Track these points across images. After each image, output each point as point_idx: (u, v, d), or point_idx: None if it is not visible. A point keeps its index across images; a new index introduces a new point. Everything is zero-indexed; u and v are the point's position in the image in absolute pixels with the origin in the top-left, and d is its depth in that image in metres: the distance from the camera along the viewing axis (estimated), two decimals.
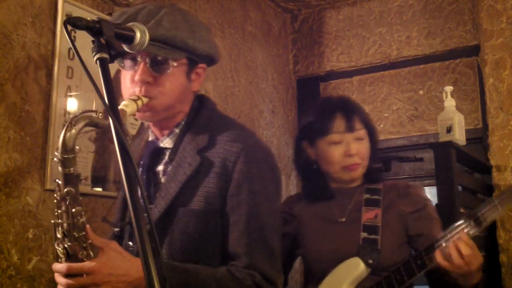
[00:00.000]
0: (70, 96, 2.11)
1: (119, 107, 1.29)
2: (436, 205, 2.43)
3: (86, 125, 1.20)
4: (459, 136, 2.64)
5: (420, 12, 3.41)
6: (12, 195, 1.90)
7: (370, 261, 1.71)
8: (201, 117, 1.48)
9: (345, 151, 1.81)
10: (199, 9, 2.98)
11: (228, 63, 3.18)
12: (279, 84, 3.67)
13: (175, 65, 1.39)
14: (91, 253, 1.24)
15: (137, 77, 1.38)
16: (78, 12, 2.15)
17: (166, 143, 1.48)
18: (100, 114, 1.20)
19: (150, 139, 1.54)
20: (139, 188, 0.96)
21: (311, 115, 1.94)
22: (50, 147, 2.02)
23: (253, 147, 1.44)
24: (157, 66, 1.38)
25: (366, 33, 3.59)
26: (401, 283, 1.69)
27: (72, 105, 2.12)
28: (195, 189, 1.39)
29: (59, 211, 1.23)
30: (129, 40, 1.13)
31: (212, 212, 1.38)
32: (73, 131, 1.19)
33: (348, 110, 1.86)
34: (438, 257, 1.62)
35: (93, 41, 1.06)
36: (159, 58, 1.37)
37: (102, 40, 1.05)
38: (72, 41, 1.04)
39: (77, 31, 1.54)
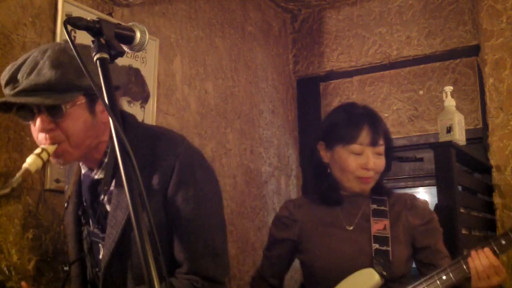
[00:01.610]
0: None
1: (23, 165, 1.33)
2: (436, 205, 2.44)
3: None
4: (459, 136, 2.64)
5: (420, 12, 3.41)
6: (12, 195, 1.90)
7: (385, 273, 1.70)
8: (131, 137, 1.44)
9: (363, 163, 1.80)
10: (199, 9, 2.98)
11: (228, 63, 3.18)
12: (279, 84, 3.67)
13: (68, 107, 1.36)
14: None
15: (38, 127, 1.38)
16: (78, 12, 2.14)
17: (101, 174, 1.48)
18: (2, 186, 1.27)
19: (83, 171, 1.54)
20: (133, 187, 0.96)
21: (336, 118, 1.90)
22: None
23: (185, 154, 1.44)
24: (53, 112, 1.36)
25: (366, 33, 3.59)
26: None
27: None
28: (140, 212, 1.39)
29: None
30: (129, 40, 1.13)
31: (161, 228, 1.40)
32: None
33: (376, 124, 1.84)
34: (470, 263, 1.64)
35: (93, 41, 1.06)
36: (50, 104, 1.34)
37: (102, 40, 1.06)
38: (72, 41, 1.04)
39: (77, 31, 1.55)
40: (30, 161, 1.34)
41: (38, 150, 1.36)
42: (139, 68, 2.49)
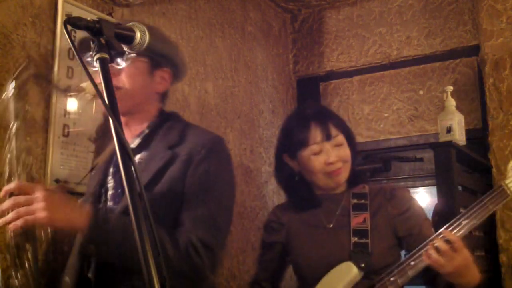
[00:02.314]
0: (70, 96, 2.11)
1: (82, 84, 1.53)
2: (436, 205, 2.44)
3: (29, 77, 1.46)
4: (459, 136, 2.64)
5: (420, 12, 3.41)
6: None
7: (362, 265, 1.72)
8: (171, 119, 1.66)
9: (326, 159, 1.83)
10: (199, 9, 2.98)
11: (228, 63, 3.18)
12: (279, 84, 3.67)
13: (134, 57, 1.52)
14: None
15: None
16: (78, 12, 2.14)
17: (135, 143, 1.62)
18: (58, 84, 1.51)
19: None
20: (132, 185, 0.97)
21: (287, 127, 1.97)
22: (50, 147, 2.02)
23: (216, 142, 1.63)
24: (120, 58, 1.47)
25: (366, 33, 3.59)
26: (394, 286, 1.70)
27: (72, 105, 2.12)
28: (161, 177, 1.52)
29: (8, 147, 1.42)
30: (129, 40, 1.13)
31: (175, 194, 1.51)
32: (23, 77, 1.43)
33: (322, 118, 1.88)
34: (424, 256, 1.65)
35: (93, 41, 1.06)
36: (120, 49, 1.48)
37: (102, 40, 1.06)
38: (72, 41, 1.04)
39: (77, 31, 1.57)
40: (87, 84, 1.56)
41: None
42: None
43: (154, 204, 1.45)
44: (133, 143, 1.62)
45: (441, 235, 1.64)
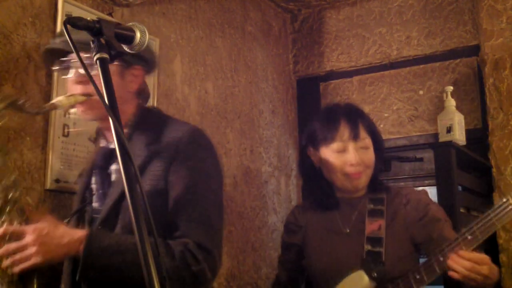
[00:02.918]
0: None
1: (53, 100, 1.47)
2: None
3: (7, 105, 1.35)
4: (459, 136, 2.64)
5: (420, 12, 3.41)
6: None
7: (375, 275, 1.68)
8: (148, 116, 1.62)
9: (348, 160, 1.78)
10: (199, 9, 2.98)
11: (228, 63, 3.18)
12: (279, 84, 3.67)
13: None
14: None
15: (72, 79, 1.52)
16: (78, 12, 2.14)
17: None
18: (27, 102, 1.39)
19: (102, 145, 1.65)
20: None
21: (316, 120, 1.91)
22: (50, 147, 2.02)
23: (193, 132, 1.57)
24: (89, 66, 1.44)
25: (366, 33, 3.59)
26: (420, 283, 1.67)
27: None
28: (143, 175, 1.49)
29: None
30: (129, 40, 1.13)
31: (158, 192, 1.47)
32: None
33: (353, 117, 1.82)
34: (453, 274, 1.60)
35: (93, 41, 1.06)
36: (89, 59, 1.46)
37: (102, 40, 1.06)
38: (72, 41, 1.04)
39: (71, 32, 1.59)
40: (61, 98, 1.47)
41: (68, 94, 1.51)
42: None
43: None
44: (113, 145, 1.58)
45: (456, 253, 1.59)
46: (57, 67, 1.56)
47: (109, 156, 1.58)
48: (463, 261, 1.57)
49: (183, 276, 1.39)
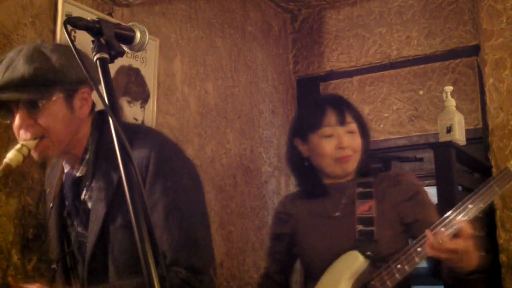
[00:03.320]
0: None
1: (4, 161, 1.36)
2: (436, 205, 2.43)
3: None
4: (459, 136, 2.64)
5: (420, 12, 3.41)
6: (12, 195, 1.90)
7: (368, 253, 1.71)
8: (105, 135, 1.46)
9: (337, 144, 1.83)
10: (199, 9, 2.98)
11: (228, 63, 3.18)
12: (279, 84, 3.67)
13: (44, 102, 1.38)
14: None
15: (17, 124, 1.42)
16: (78, 12, 2.14)
17: (82, 171, 1.49)
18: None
19: (66, 170, 1.55)
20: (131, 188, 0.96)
21: (302, 111, 1.98)
22: None
23: (161, 146, 1.45)
24: (31, 108, 1.39)
25: (366, 33, 3.59)
26: (402, 272, 1.69)
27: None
28: (119, 206, 1.40)
29: None
30: (129, 40, 1.13)
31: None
32: None
33: (339, 104, 1.89)
34: (427, 244, 1.63)
35: (93, 41, 1.06)
36: (26, 100, 1.37)
37: (102, 40, 1.06)
38: (72, 41, 1.04)
39: (77, 31, 1.55)
40: (11, 157, 1.37)
41: (18, 146, 1.40)
42: (139, 68, 2.49)
43: (119, 241, 1.39)
44: (79, 172, 1.49)
45: (451, 224, 1.62)
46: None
47: (78, 183, 1.50)
48: (438, 244, 1.58)
49: None
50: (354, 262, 1.72)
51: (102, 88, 1.03)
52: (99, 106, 1.51)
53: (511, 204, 2.79)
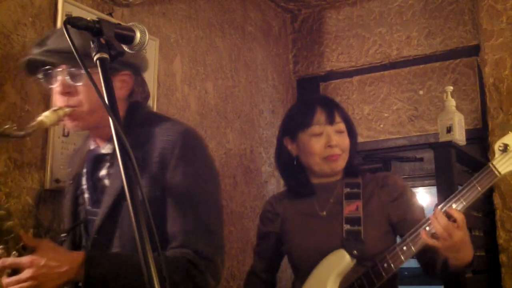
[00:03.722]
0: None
1: (39, 117, 1.39)
2: (436, 205, 2.43)
3: None
4: (459, 136, 2.64)
5: (420, 12, 3.41)
6: (12, 195, 1.90)
7: (355, 252, 1.74)
8: (136, 118, 1.55)
9: (326, 142, 1.86)
10: (199, 9, 2.98)
11: (228, 63, 3.18)
12: (279, 84, 3.67)
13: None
14: (24, 254, 1.31)
15: (58, 90, 1.47)
16: (78, 12, 2.15)
17: (108, 149, 1.54)
18: (15, 126, 1.32)
19: (91, 147, 1.60)
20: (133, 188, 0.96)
21: (292, 111, 2.01)
22: (50, 147, 2.02)
23: (188, 134, 1.51)
24: (74, 77, 1.44)
25: (366, 33, 3.59)
26: (388, 271, 1.72)
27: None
28: (137, 182, 1.43)
29: None
30: (129, 40, 1.13)
31: (155, 199, 1.43)
32: None
33: (328, 104, 1.93)
34: (423, 233, 1.66)
35: (93, 41, 1.06)
36: (74, 68, 1.43)
37: (102, 40, 1.06)
38: (72, 41, 1.04)
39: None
40: (47, 114, 1.41)
41: (55, 107, 1.45)
42: None
43: None
44: (104, 149, 1.55)
45: (443, 211, 1.64)
46: (40, 77, 1.50)
47: (100, 160, 1.55)
48: (442, 217, 1.62)
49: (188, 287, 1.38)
50: (341, 261, 1.75)
51: (102, 88, 1.03)
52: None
53: (511, 204, 2.79)
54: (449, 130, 2.63)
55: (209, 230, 1.45)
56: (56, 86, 1.47)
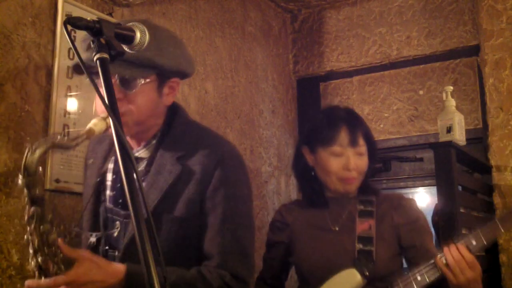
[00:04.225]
0: (70, 96, 2.11)
1: (88, 126, 1.35)
2: (436, 205, 2.43)
3: (47, 149, 1.26)
4: (459, 136, 2.64)
5: (420, 12, 3.41)
6: (12, 195, 1.90)
7: (366, 273, 1.72)
8: (176, 127, 1.53)
9: (345, 164, 1.83)
10: (199, 9, 2.98)
11: (228, 63, 3.18)
12: (279, 84, 3.67)
13: (143, 82, 1.43)
14: (62, 267, 1.28)
15: None
16: (78, 12, 2.15)
17: (142, 153, 1.53)
18: (65, 137, 1.28)
19: None
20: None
21: (316, 122, 1.94)
22: None
23: (230, 154, 1.51)
24: (126, 84, 1.42)
25: (366, 33, 3.59)
26: None
27: (72, 105, 2.12)
28: (176, 196, 1.45)
29: (28, 229, 1.27)
30: (129, 40, 1.13)
31: (193, 217, 1.44)
32: (35, 155, 1.23)
33: (354, 124, 1.88)
34: (438, 261, 1.66)
35: (93, 41, 1.06)
36: (127, 76, 1.41)
37: (102, 40, 1.06)
38: (72, 41, 1.04)
39: (77, 31, 1.56)
40: (96, 122, 1.37)
41: (103, 115, 1.40)
42: None
43: (171, 230, 1.43)
44: (139, 153, 1.53)
45: (453, 249, 1.64)
46: (89, 79, 1.48)
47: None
48: (456, 251, 1.62)
49: None
50: (352, 280, 1.73)
51: (102, 88, 1.03)
52: None
53: (511, 204, 2.79)
54: (449, 130, 2.63)
55: (246, 252, 1.48)
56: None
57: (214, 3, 3.10)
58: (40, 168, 1.26)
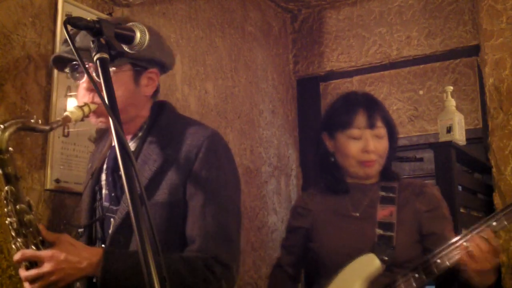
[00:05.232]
0: (70, 96, 2.11)
1: (65, 113, 1.39)
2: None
3: (18, 129, 1.30)
4: (459, 136, 2.64)
5: (420, 12, 3.41)
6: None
7: (385, 258, 1.72)
8: (162, 119, 1.56)
9: (363, 147, 1.83)
10: (199, 9, 2.98)
11: (228, 63, 3.18)
12: (279, 84, 3.67)
13: (114, 70, 1.42)
14: (42, 248, 1.33)
15: (83, 86, 1.48)
16: (78, 12, 2.15)
17: (130, 146, 1.53)
18: (39, 120, 1.32)
19: (113, 144, 1.59)
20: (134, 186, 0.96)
21: (334, 106, 1.96)
22: (50, 147, 2.02)
23: (213, 139, 1.51)
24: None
25: (366, 33, 3.59)
26: (419, 282, 1.69)
27: (72, 105, 2.12)
28: (159, 183, 1.46)
29: (5, 210, 1.31)
30: (129, 40, 1.13)
31: (176, 202, 1.45)
32: (5, 133, 1.29)
33: (371, 106, 1.88)
34: (462, 249, 1.62)
35: (93, 41, 1.06)
36: None
37: (102, 40, 1.06)
38: (72, 41, 1.04)
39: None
40: (73, 110, 1.41)
41: (81, 103, 1.45)
42: None
43: (155, 215, 1.43)
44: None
45: (479, 235, 1.61)
46: (68, 72, 1.50)
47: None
48: (483, 241, 1.59)
49: None
50: (370, 265, 1.73)
51: (102, 88, 1.03)
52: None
53: None
54: (449, 130, 2.64)
55: (229, 236, 1.46)
56: (82, 82, 1.48)
57: (214, 3, 3.10)
58: (11, 148, 1.30)
